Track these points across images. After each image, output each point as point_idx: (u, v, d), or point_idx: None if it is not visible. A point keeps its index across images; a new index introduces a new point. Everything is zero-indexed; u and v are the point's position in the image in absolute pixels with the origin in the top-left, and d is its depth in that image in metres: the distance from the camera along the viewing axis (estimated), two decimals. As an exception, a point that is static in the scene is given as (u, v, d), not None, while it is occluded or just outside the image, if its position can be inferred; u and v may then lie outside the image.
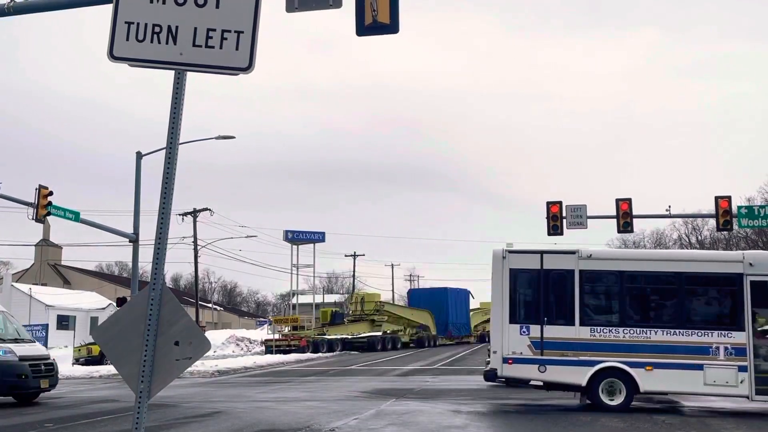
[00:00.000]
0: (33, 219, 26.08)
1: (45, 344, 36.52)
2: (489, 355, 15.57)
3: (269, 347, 46.67)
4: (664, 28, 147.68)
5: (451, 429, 12.07)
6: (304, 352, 44.80)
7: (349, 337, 49.56)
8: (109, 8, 4.92)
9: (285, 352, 45.26)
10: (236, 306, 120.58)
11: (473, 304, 70.65)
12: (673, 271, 15.33)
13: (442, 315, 57.52)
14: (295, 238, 62.75)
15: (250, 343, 52.73)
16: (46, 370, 17.78)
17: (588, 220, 30.43)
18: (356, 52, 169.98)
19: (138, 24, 4.65)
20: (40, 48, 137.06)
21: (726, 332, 14.42)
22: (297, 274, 62.56)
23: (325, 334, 49.70)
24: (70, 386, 24.25)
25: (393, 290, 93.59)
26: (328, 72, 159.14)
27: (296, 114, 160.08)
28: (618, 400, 14.41)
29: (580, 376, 14.52)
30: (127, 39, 4.64)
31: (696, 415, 14.32)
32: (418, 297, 64.26)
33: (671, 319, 15.05)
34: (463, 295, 66.15)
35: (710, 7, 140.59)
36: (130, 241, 30.72)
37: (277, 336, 49.42)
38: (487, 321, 78.28)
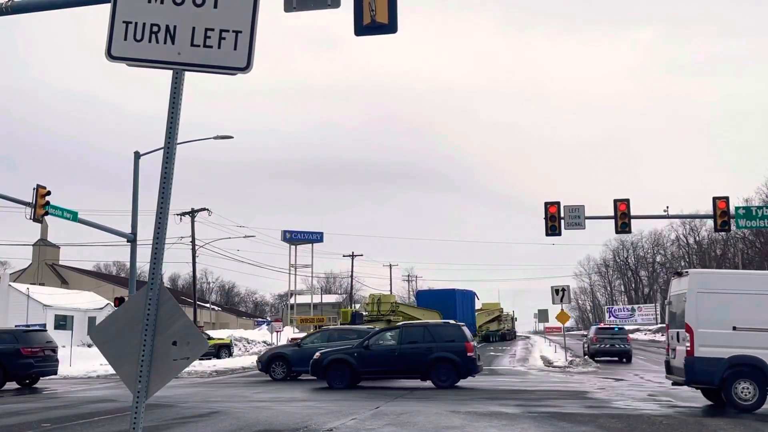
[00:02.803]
0: (31, 219, 26.06)
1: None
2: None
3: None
4: (663, 28, 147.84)
5: (449, 429, 12.06)
6: None
7: None
8: (107, 7, 4.91)
9: None
10: (234, 306, 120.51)
11: (477, 305, 71.11)
12: None
13: (450, 315, 58.31)
14: (294, 238, 62.85)
15: (248, 343, 52.78)
16: None
17: (586, 220, 30.48)
18: (355, 52, 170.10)
19: (136, 24, 4.64)
20: (36, 45, 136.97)
21: None
22: (295, 275, 62.73)
23: None
24: (67, 386, 24.23)
25: (391, 290, 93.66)
26: (326, 72, 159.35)
27: (295, 114, 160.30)
28: None
29: None
30: (125, 39, 4.63)
31: (694, 416, 14.32)
32: (426, 298, 65.12)
33: None
34: (470, 296, 66.80)
35: (710, 6, 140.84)
36: (128, 241, 30.72)
37: (303, 335, 50.75)
38: (491, 321, 79.38)
